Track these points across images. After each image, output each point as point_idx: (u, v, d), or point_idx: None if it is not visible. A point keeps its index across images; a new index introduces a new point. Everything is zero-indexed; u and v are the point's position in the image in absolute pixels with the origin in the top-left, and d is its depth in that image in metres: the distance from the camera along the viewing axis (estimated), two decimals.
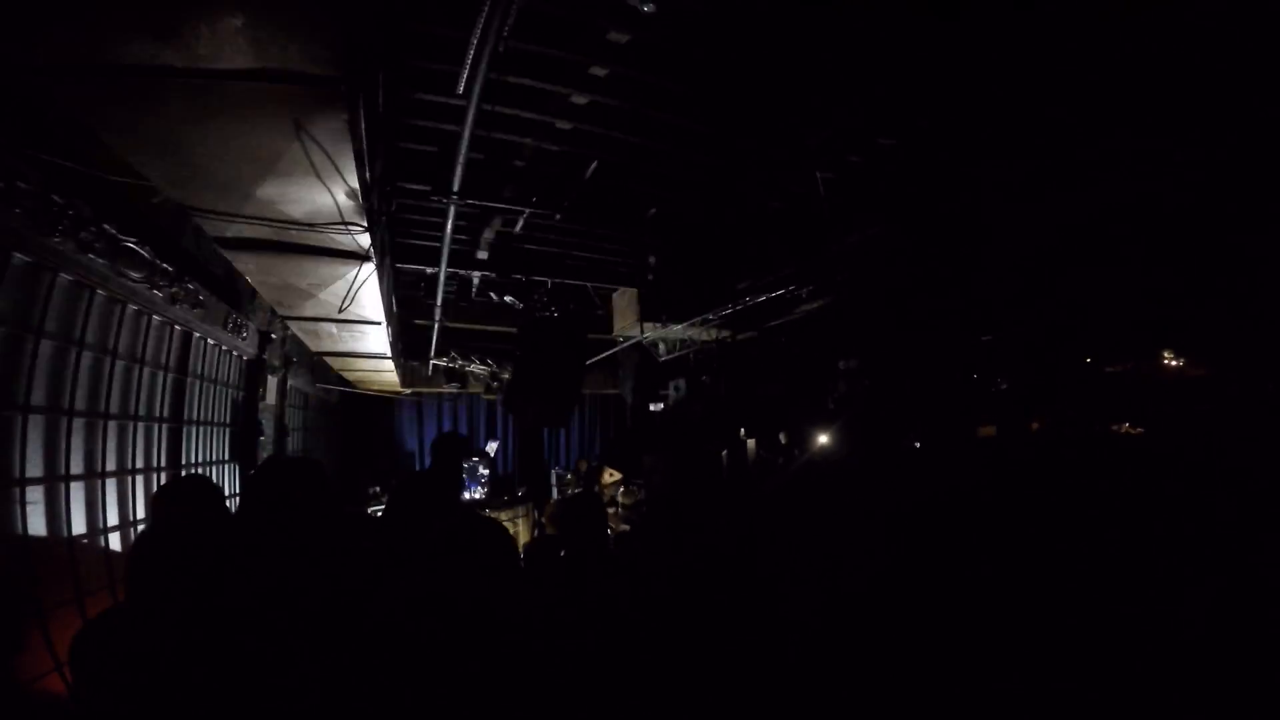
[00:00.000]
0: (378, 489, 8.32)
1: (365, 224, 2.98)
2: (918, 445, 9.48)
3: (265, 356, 5.29)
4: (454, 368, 9.42)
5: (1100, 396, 9.92)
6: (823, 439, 9.17)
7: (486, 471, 10.22)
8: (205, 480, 2.69)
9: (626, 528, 7.47)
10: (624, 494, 8.88)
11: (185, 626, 1.54)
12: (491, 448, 11.00)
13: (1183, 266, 5.35)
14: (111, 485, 3.17)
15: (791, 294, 6.28)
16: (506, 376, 8.98)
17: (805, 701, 2.61)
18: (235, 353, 4.88)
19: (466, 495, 9.31)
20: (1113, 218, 4.76)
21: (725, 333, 8.09)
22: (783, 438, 9.87)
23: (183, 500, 2.40)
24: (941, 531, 4.56)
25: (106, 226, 2.86)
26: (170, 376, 3.87)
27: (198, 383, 4.25)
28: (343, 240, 3.19)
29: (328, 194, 2.67)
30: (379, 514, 4.44)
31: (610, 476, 9.04)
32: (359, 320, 4.84)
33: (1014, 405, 9.80)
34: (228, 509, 2.76)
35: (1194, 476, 5.30)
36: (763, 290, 6.28)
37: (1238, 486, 4.75)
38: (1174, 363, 9.69)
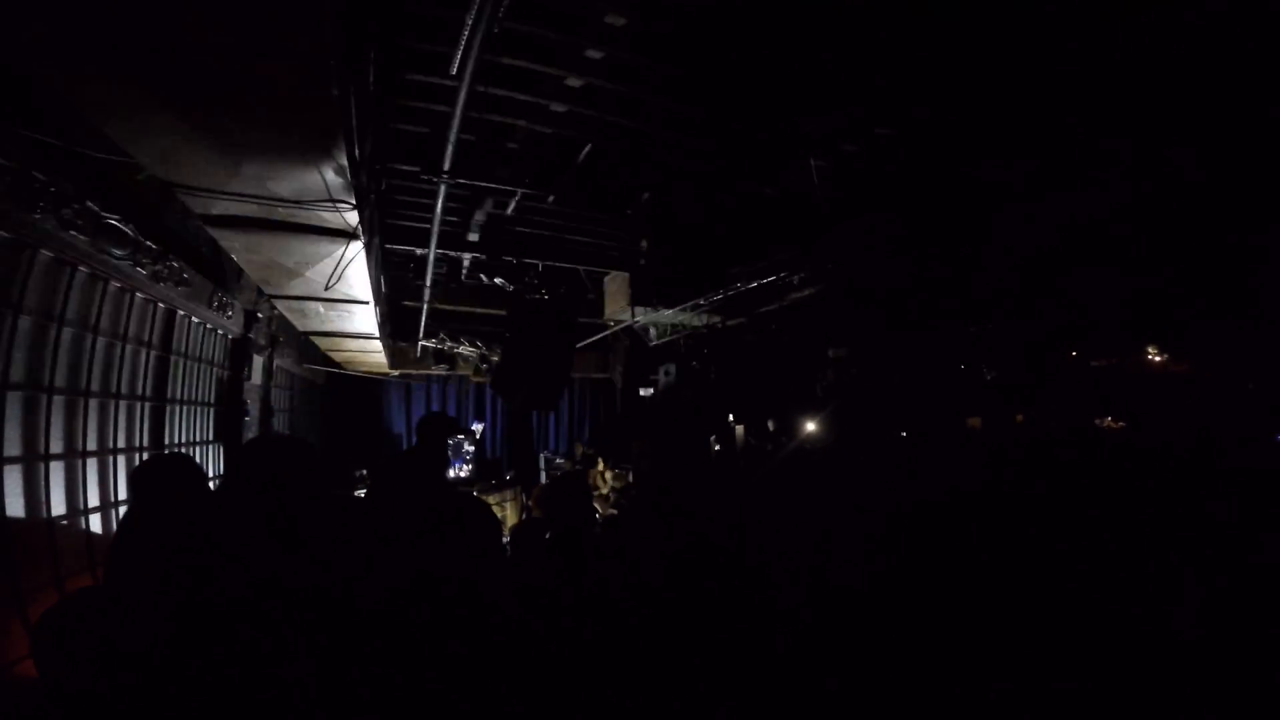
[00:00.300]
0: (364, 472, 8.26)
1: (354, 202, 2.93)
2: (904, 435, 9.58)
3: (251, 335, 5.23)
4: (443, 349, 9.34)
5: (1085, 390, 10.04)
6: (810, 427, 9.23)
7: (472, 448, 10.19)
8: (187, 459, 2.62)
9: (614, 512, 7.48)
10: (614, 478, 8.88)
11: (178, 618, 1.51)
12: (477, 428, 10.96)
13: (1175, 265, 5.38)
14: (92, 465, 3.12)
15: (783, 280, 6.27)
16: (496, 359, 8.91)
17: (796, 692, 2.62)
18: (220, 331, 4.81)
19: (451, 473, 9.29)
20: (1111, 217, 4.77)
21: (716, 318, 8.08)
22: (771, 425, 9.92)
23: (163, 480, 2.35)
24: (929, 522, 4.59)
25: (89, 204, 2.80)
26: (153, 354, 3.81)
27: (181, 361, 4.19)
28: (330, 218, 3.13)
29: (316, 172, 2.62)
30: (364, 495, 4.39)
31: (604, 481, 9.00)
32: (346, 300, 4.79)
33: (1000, 397, 9.89)
34: (209, 489, 2.71)
35: (1180, 471, 5.36)
36: (754, 276, 6.27)
37: (1224, 481, 4.81)
38: (1157, 359, 9.82)
